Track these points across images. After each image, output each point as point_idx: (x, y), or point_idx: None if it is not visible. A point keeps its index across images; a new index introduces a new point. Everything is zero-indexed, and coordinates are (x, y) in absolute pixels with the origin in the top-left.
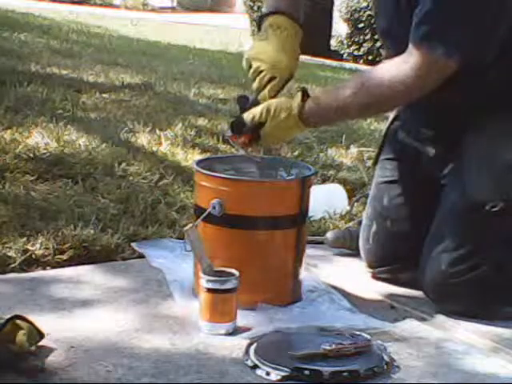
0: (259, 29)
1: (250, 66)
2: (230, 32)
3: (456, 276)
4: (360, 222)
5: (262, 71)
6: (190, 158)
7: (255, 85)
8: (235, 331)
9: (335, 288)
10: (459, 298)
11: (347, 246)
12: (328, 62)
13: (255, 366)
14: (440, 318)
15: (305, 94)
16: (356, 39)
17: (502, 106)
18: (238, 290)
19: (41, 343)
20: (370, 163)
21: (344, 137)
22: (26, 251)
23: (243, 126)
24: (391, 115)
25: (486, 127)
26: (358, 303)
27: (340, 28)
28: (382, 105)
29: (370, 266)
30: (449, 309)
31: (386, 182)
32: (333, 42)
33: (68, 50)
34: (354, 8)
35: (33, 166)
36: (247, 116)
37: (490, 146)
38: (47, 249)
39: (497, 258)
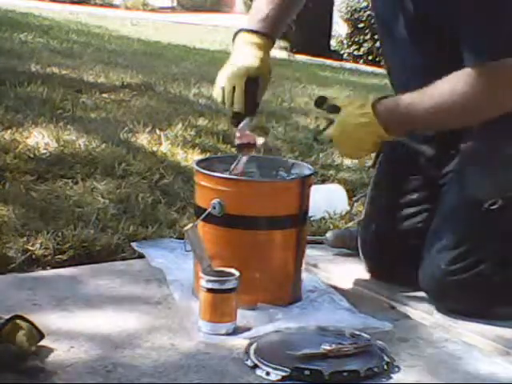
0: None
1: None
2: (230, 32)
3: (455, 274)
4: (360, 222)
5: None
6: (190, 158)
7: None
8: (235, 331)
9: (335, 288)
10: (459, 296)
11: (347, 245)
12: (328, 62)
13: (255, 366)
14: (440, 318)
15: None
16: (356, 39)
17: None
18: (238, 290)
19: (41, 343)
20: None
21: None
22: (26, 251)
23: (324, 100)
24: None
25: (484, 126)
26: (358, 303)
27: (340, 28)
28: (450, 120)
29: (369, 267)
30: (448, 307)
31: (384, 183)
32: (333, 42)
33: (68, 49)
34: (354, 8)
35: (33, 166)
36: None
37: (488, 143)
38: (47, 249)
39: (496, 256)
